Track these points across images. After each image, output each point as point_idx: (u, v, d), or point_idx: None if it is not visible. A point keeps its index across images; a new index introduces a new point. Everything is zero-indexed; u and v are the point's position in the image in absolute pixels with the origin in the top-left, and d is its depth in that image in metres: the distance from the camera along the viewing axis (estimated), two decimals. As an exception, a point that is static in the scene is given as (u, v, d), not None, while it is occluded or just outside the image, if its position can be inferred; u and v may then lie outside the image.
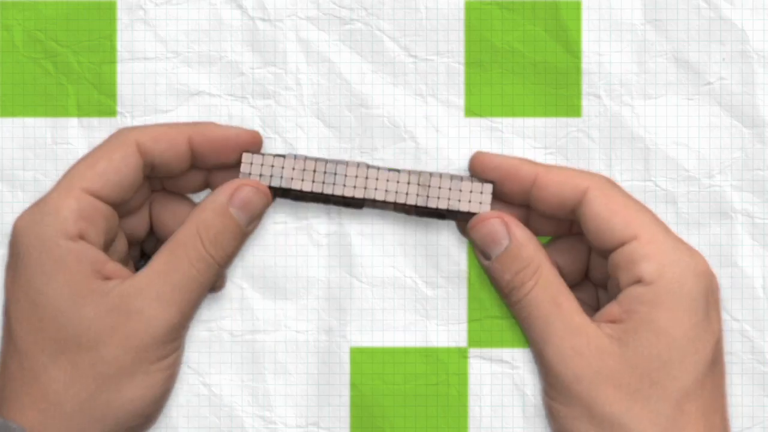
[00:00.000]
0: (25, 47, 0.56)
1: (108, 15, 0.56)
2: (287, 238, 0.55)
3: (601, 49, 0.57)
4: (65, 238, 0.41)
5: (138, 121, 0.55)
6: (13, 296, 0.41)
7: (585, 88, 0.57)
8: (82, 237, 0.42)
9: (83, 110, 0.56)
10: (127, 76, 0.56)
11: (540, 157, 0.56)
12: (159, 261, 0.42)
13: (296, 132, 0.56)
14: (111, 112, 0.55)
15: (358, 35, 0.57)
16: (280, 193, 0.49)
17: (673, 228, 0.55)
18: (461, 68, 0.57)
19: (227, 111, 0.56)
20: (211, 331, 0.55)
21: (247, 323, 0.55)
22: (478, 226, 0.43)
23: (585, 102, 0.56)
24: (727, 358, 0.55)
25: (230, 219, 0.43)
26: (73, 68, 0.56)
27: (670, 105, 0.57)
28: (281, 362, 0.55)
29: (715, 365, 0.41)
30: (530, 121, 0.56)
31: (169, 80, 0.56)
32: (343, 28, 0.57)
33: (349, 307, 0.55)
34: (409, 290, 0.55)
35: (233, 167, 0.49)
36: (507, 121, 0.56)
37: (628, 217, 0.41)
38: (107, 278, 0.42)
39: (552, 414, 0.43)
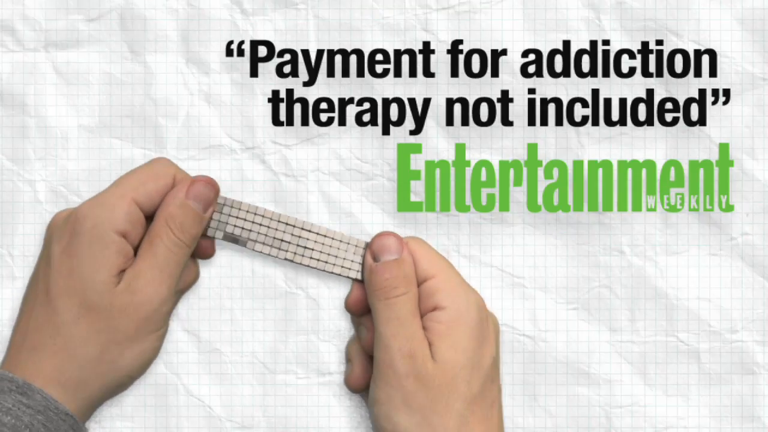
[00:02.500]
0: None
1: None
2: None
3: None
4: (113, 231, 0.51)
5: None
6: (61, 260, 0.51)
7: (608, 242, 0.57)
8: (124, 236, 0.51)
9: None
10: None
11: (562, 311, 0.56)
12: (144, 249, 0.52)
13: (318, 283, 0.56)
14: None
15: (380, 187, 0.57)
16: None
17: (695, 382, 0.56)
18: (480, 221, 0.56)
19: (249, 264, 0.56)
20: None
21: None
22: (383, 236, 0.53)
23: (609, 259, 0.56)
24: None
25: (189, 209, 0.52)
26: None
27: (692, 258, 0.57)
28: None
29: (493, 382, 0.52)
30: (553, 276, 0.57)
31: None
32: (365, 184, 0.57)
33: None
34: None
35: None
36: (529, 273, 0.57)
37: (431, 261, 0.52)
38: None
39: (372, 400, 0.52)
